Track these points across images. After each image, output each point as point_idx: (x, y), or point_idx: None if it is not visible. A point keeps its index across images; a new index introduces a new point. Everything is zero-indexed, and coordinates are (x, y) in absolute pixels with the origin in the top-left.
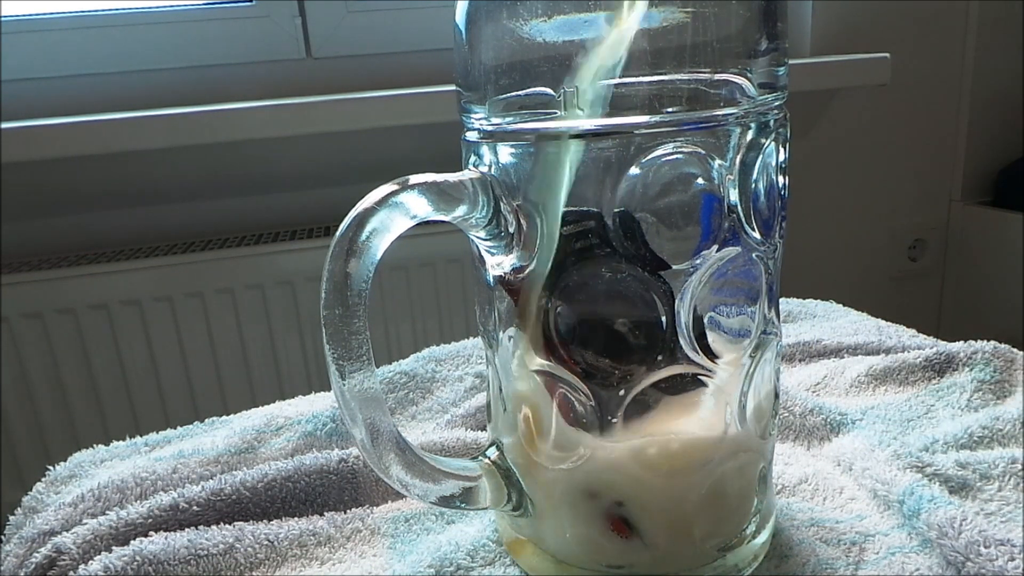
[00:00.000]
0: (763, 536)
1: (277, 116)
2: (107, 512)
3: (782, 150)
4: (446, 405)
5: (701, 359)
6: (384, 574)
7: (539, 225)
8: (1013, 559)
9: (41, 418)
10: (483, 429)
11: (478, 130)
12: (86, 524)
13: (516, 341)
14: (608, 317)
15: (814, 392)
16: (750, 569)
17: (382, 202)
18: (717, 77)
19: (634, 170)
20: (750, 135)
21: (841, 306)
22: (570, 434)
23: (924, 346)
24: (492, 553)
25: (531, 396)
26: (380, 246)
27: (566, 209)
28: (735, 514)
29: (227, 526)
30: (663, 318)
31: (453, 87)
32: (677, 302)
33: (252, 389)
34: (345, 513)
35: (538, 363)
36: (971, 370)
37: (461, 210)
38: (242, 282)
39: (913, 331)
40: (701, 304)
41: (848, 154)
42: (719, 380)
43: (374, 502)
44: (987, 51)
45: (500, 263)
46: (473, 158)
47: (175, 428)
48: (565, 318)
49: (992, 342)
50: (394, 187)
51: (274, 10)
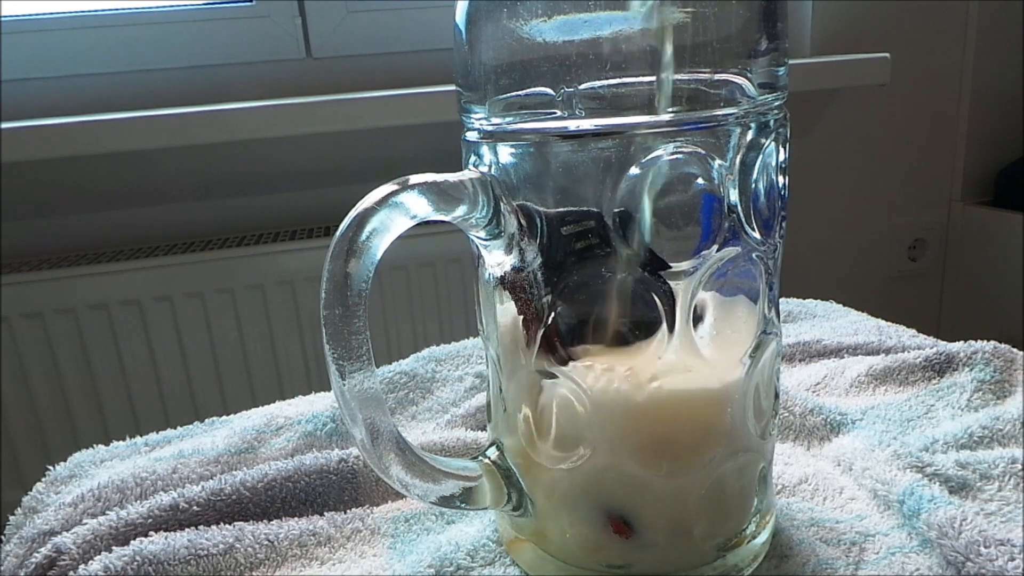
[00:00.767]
0: (763, 536)
1: (277, 116)
2: (107, 512)
3: (782, 150)
4: (446, 405)
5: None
6: (384, 574)
7: (539, 225)
8: (1013, 559)
9: (41, 418)
10: (483, 429)
11: (478, 130)
12: (86, 524)
13: (517, 340)
14: (608, 317)
15: (814, 392)
16: (750, 569)
17: (382, 202)
18: (717, 77)
19: (634, 170)
20: (750, 135)
21: (841, 306)
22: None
23: (924, 346)
24: (492, 553)
25: (529, 395)
26: (380, 246)
27: (566, 209)
28: (735, 514)
29: (227, 526)
30: (663, 318)
31: (453, 87)
32: (677, 302)
33: (252, 389)
34: (345, 513)
35: (538, 362)
36: (971, 370)
37: (461, 210)
38: (242, 282)
39: (913, 331)
40: (701, 304)
41: (848, 154)
42: (719, 380)
43: (374, 502)
44: (987, 51)
45: (500, 263)
46: (473, 158)
47: (175, 428)
48: (565, 318)
49: (992, 342)
50: (394, 187)
51: (274, 10)
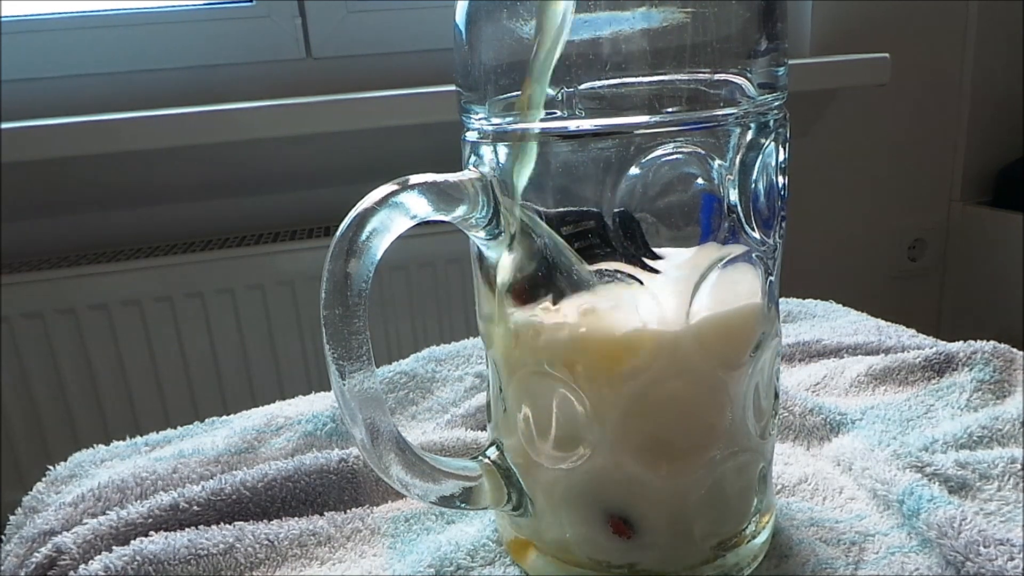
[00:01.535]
0: (763, 536)
1: (277, 116)
2: (107, 512)
3: (782, 150)
4: (446, 405)
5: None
6: (384, 574)
7: (540, 223)
8: (1013, 559)
9: (41, 418)
10: (483, 429)
11: (478, 130)
12: (86, 524)
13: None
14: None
15: (814, 392)
16: (750, 569)
17: (382, 202)
18: (717, 77)
19: (634, 170)
20: (750, 135)
21: (841, 306)
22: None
23: (924, 346)
24: (492, 553)
25: (529, 395)
26: (380, 246)
27: (566, 209)
28: (735, 514)
29: (227, 526)
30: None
31: (453, 87)
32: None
33: (252, 389)
34: (345, 513)
35: (537, 361)
36: (971, 370)
37: (461, 210)
38: (242, 282)
39: (913, 331)
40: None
41: (848, 154)
42: (720, 379)
43: (374, 502)
44: (987, 51)
45: (500, 263)
46: (473, 158)
47: (175, 428)
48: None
49: (992, 342)
50: (394, 187)
51: (274, 10)
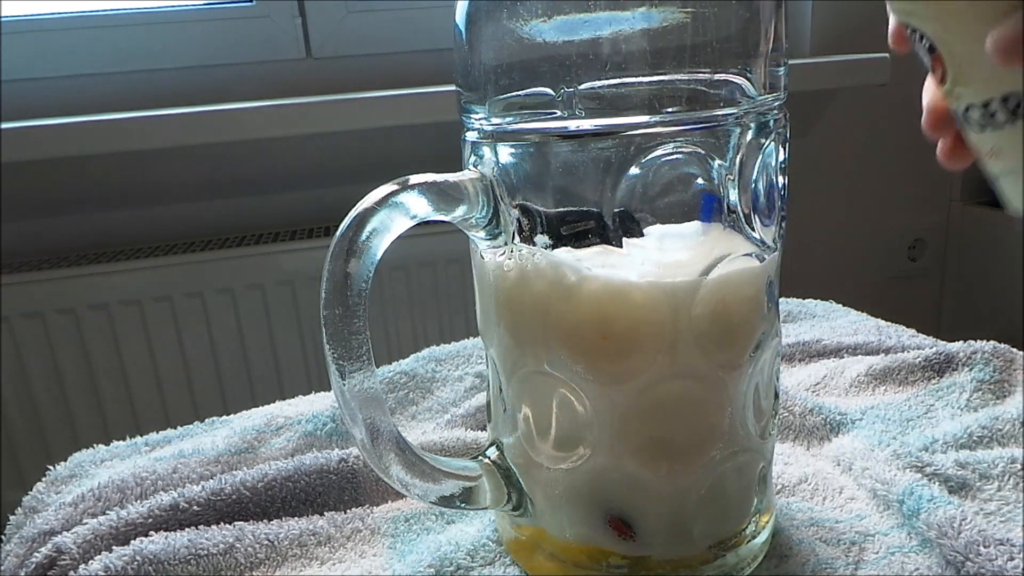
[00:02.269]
0: (763, 536)
1: (277, 116)
2: (107, 512)
3: (782, 150)
4: (446, 405)
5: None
6: (384, 574)
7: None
8: (1012, 559)
9: (41, 418)
10: (483, 429)
11: (478, 130)
12: (86, 524)
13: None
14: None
15: (814, 392)
16: (750, 569)
17: (382, 202)
18: (717, 77)
19: (634, 170)
20: (750, 135)
21: (841, 306)
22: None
23: (924, 346)
24: (492, 553)
25: (529, 395)
26: (380, 246)
27: (566, 209)
28: (735, 514)
29: (227, 526)
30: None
31: (453, 87)
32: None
33: (252, 389)
34: (345, 513)
35: (537, 363)
36: (970, 370)
37: (461, 210)
38: (242, 282)
39: (913, 331)
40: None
41: (848, 154)
42: (720, 379)
43: (374, 502)
44: None
45: (499, 263)
46: (473, 158)
47: (175, 428)
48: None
49: (992, 342)
50: (394, 187)
51: (274, 10)
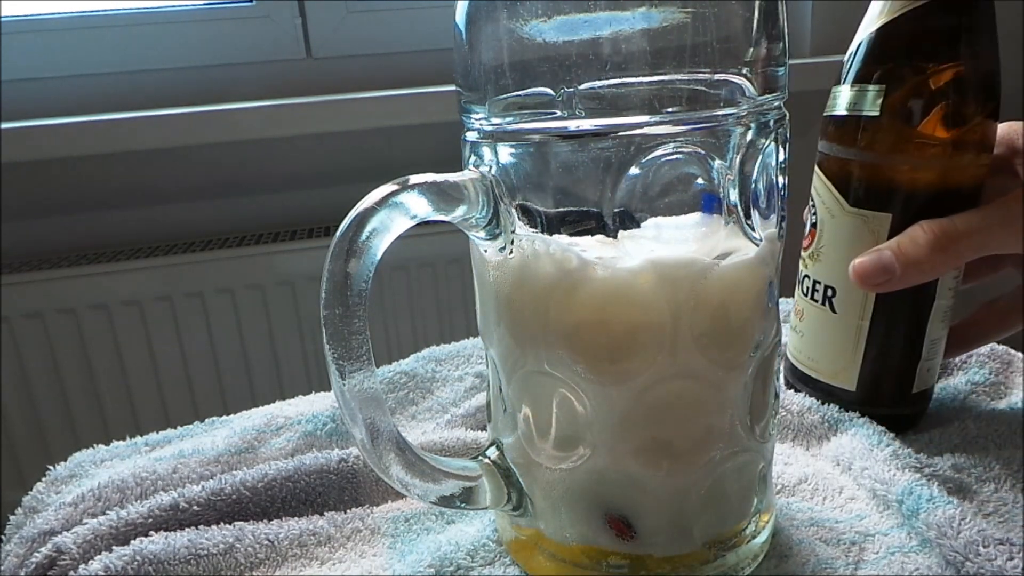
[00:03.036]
0: (763, 536)
1: (277, 116)
2: (107, 512)
3: (782, 150)
4: (446, 405)
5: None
6: (384, 574)
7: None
8: (1012, 558)
9: (41, 418)
10: (483, 429)
11: (478, 130)
12: (86, 524)
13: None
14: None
15: None
16: (750, 569)
17: (382, 202)
18: (717, 77)
19: (634, 170)
20: (750, 135)
21: None
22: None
23: None
24: (492, 553)
25: (529, 395)
26: (380, 246)
27: (566, 209)
28: (735, 514)
29: (227, 526)
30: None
31: (453, 87)
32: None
33: (252, 389)
34: (345, 513)
35: (537, 363)
36: (966, 371)
37: (461, 210)
38: (242, 282)
39: None
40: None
41: None
42: (720, 379)
43: (374, 502)
44: None
45: (499, 262)
46: (473, 158)
47: (175, 428)
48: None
49: (990, 344)
50: (394, 187)
51: (274, 10)
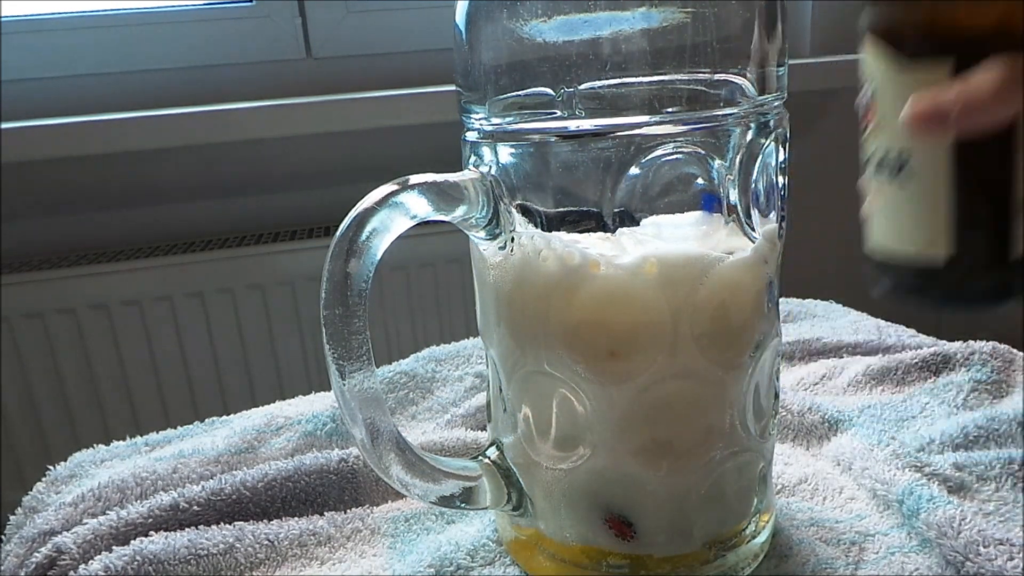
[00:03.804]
0: (763, 536)
1: (277, 116)
2: (107, 512)
3: (782, 150)
4: (446, 405)
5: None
6: (384, 574)
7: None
8: (1012, 558)
9: (41, 418)
10: (483, 429)
11: (478, 130)
12: (86, 524)
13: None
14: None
15: (812, 391)
16: (750, 569)
17: (382, 202)
18: (717, 77)
19: (634, 170)
20: (750, 135)
21: (841, 306)
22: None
23: (924, 345)
24: (492, 553)
25: (529, 395)
26: (380, 246)
27: (566, 209)
28: (735, 514)
29: (227, 526)
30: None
31: (453, 87)
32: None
33: (252, 389)
34: (345, 513)
35: (537, 363)
36: (968, 370)
37: (461, 210)
38: (242, 282)
39: (913, 331)
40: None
41: (848, 154)
42: (720, 379)
43: (374, 502)
44: None
45: (499, 262)
46: (473, 158)
47: (175, 428)
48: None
49: (991, 342)
50: (394, 187)
51: (274, 10)
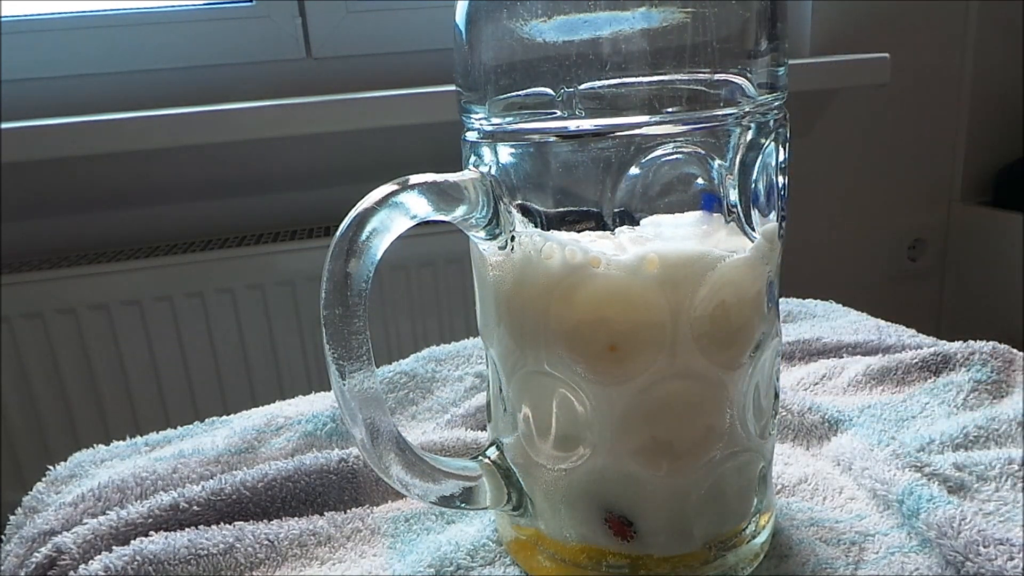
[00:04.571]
0: (763, 536)
1: (277, 116)
2: (107, 512)
3: (782, 150)
4: (446, 405)
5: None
6: (384, 574)
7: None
8: (1012, 558)
9: (41, 418)
10: (483, 429)
11: (478, 130)
12: (86, 524)
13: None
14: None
15: (812, 392)
16: (750, 569)
17: (382, 202)
18: (717, 77)
19: (634, 170)
20: (750, 135)
21: (841, 306)
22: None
23: (923, 345)
24: (492, 553)
25: (529, 395)
26: (380, 246)
27: (566, 209)
28: (735, 514)
29: (227, 526)
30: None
31: (453, 87)
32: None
33: (252, 389)
34: (345, 513)
35: (537, 363)
36: (968, 370)
37: (461, 210)
38: (242, 282)
39: (913, 331)
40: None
41: (848, 154)
42: (720, 379)
43: (374, 502)
44: (987, 51)
45: (499, 262)
46: (473, 158)
47: (175, 428)
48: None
49: (991, 342)
50: (394, 187)
51: (274, 10)
